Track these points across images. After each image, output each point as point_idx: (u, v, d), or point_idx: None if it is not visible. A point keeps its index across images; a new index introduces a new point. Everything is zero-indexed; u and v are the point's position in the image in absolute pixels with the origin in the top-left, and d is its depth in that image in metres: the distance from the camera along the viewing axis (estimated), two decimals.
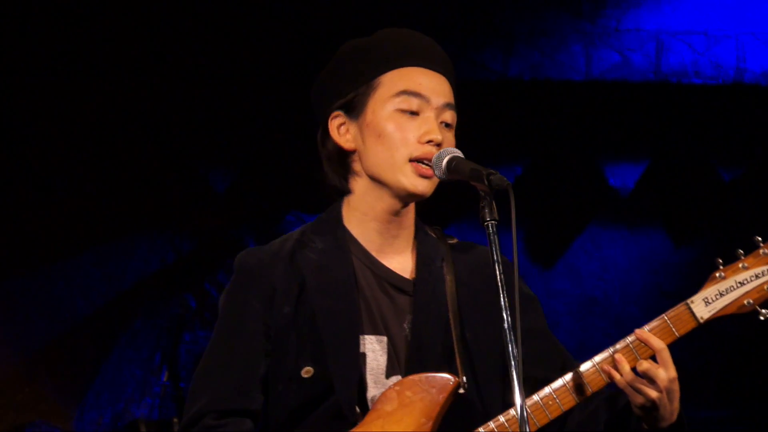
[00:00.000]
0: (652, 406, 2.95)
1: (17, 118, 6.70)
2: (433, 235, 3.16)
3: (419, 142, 3.01)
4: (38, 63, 6.55)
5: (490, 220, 2.79)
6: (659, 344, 2.98)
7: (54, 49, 6.54)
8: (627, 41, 7.13)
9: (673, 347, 3.07)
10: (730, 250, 3.14)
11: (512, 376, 2.68)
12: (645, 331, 3.01)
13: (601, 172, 7.53)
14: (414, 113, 3.03)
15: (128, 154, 6.88)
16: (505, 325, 2.72)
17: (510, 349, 2.70)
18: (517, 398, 2.67)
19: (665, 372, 2.95)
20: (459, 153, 2.98)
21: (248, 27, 6.69)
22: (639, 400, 2.96)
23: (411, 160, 3.01)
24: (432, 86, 3.05)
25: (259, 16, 6.68)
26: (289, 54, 6.69)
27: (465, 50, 6.99)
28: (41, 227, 6.82)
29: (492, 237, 2.79)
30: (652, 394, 2.94)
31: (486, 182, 2.79)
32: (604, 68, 7.14)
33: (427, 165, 3.00)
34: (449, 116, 3.07)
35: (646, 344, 2.99)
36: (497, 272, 2.76)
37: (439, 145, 3.01)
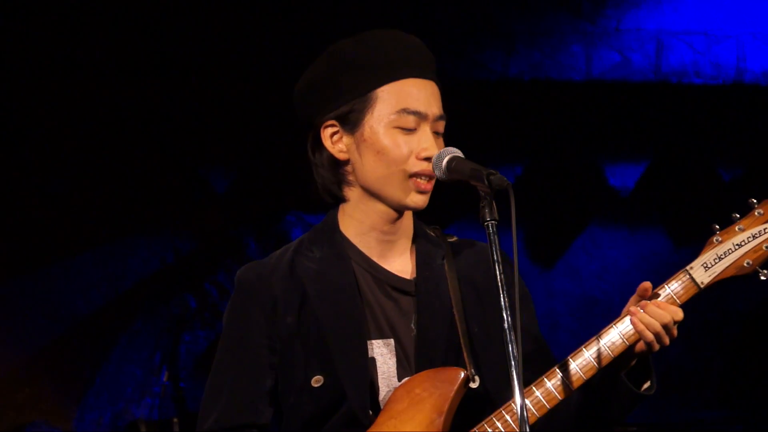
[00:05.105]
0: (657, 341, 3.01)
1: (17, 118, 6.70)
2: (433, 234, 3.17)
3: (417, 158, 3.01)
4: (38, 63, 6.55)
5: (490, 220, 2.79)
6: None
7: (54, 48, 6.53)
8: (627, 41, 7.13)
9: (674, 347, 3.08)
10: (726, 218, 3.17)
11: (512, 376, 2.68)
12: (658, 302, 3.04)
13: (601, 172, 7.53)
14: (412, 130, 3.03)
15: (128, 155, 6.88)
16: (505, 325, 2.72)
17: (510, 349, 2.70)
18: (517, 398, 2.68)
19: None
20: (459, 153, 2.98)
21: (248, 27, 6.69)
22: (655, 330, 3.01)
23: (411, 176, 3.02)
24: (427, 99, 3.05)
25: (259, 16, 6.68)
26: (290, 54, 6.69)
27: (465, 50, 6.99)
28: (41, 227, 6.82)
29: (492, 237, 2.78)
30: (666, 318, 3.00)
31: (486, 182, 2.79)
32: (604, 68, 7.14)
33: (426, 179, 3.02)
34: (441, 126, 3.08)
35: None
36: (497, 272, 2.76)
37: None
